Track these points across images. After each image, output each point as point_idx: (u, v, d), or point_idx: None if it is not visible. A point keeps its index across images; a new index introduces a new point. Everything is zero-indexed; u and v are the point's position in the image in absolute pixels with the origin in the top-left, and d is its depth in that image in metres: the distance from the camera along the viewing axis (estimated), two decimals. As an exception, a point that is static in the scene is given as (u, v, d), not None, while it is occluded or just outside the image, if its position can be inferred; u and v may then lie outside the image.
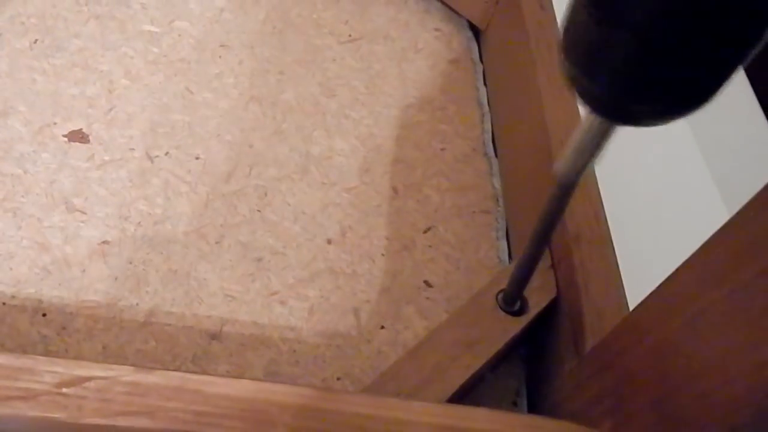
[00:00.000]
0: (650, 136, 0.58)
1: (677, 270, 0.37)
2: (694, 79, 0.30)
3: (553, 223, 0.44)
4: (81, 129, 0.69)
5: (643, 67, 0.30)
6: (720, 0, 0.27)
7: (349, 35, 0.88)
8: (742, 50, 0.29)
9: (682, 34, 0.28)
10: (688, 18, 0.27)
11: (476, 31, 0.91)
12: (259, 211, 0.66)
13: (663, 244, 0.50)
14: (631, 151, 0.58)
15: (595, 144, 0.37)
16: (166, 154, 0.69)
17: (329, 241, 0.65)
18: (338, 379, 0.56)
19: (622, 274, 0.50)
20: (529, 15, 0.72)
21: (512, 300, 0.53)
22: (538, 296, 0.53)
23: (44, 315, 0.56)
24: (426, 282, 0.64)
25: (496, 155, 0.76)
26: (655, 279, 0.41)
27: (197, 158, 0.69)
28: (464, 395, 0.51)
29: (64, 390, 0.39)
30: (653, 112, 0.32)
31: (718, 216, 0.49)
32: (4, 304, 0.56)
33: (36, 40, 0.77)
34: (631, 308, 0.47)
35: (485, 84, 0.85)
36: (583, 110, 0.36)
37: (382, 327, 0.60)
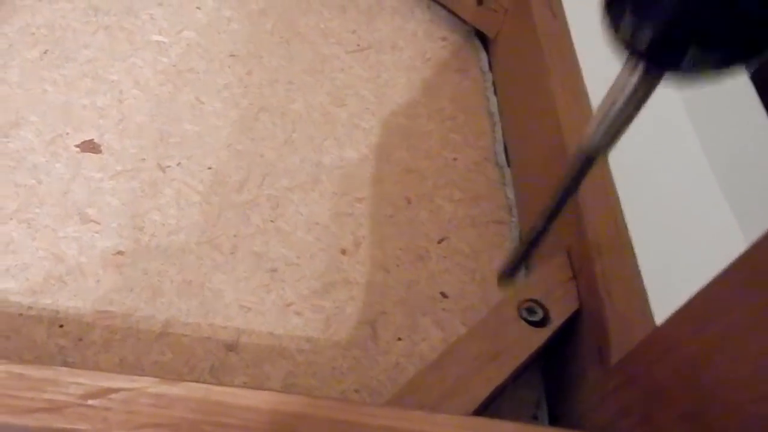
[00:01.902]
0: (670, 138, 0.58)
1: (709, 283, 0.37)
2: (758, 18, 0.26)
3: (566, 199, 0.40)
4: (93, 139, 0.69)
5: (706, 4, 0.26)
6: None
7: (357, 45, 0.87)
8: None
9: None
10: None
11: (483, 40, 0.91)
12: (272, 221, 0.66)
13: (686, 251, 0.50)
14: (651, 155, 0.58)
15: (630, 106, 0.32)
16: (178, 164, 0.69)
17: (343, 252, 0.65)
18: (356, 391, 0.56)
19: (645, 282, 0.49)
20: (541, 23, 0.72)
21: (512, 270, 0.48)
22: (560, 307, 0.52)
23: (61, 326, 0.55)
24: (442, 293, 0.63)
25: (509, 164, 0.76)
26: (679, 286, 0.40)
27: (209, 168, 0.69)
28: (485, 408, 0.51)
29: (90, 402, 0.39)
30: (713, 58, 0.28)
31: (740, 220, 0.49)
32: (21, 315, 0.55)
33: (46, 51, 0.76)
34: (655, 317, 0.47)
35: (495, 93, 0.85)
36: (617, 68, 0.31)
37: (399, 338, 0.60)
